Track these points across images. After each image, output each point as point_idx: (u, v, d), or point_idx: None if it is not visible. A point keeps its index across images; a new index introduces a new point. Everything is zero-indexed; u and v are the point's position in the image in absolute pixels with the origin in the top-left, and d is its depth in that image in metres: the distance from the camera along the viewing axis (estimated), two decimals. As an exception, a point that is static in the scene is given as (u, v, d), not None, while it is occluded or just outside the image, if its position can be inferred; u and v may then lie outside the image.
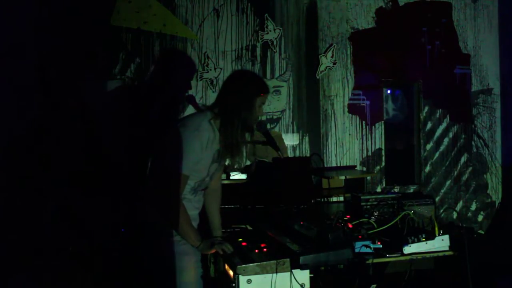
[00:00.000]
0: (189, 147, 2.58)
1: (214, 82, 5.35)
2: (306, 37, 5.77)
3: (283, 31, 5.66)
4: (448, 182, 6.32)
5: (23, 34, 4.03)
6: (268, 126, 5.51)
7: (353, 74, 5.92)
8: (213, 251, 2.71)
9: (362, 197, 3.27)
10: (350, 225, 2.92)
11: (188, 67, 3.54)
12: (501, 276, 3.21)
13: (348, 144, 5.91)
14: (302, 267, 2.52)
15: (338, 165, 5.79)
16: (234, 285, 2.52)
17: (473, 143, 6.43)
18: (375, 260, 2.62)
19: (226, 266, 2.75)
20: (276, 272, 2.50)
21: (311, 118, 5.77)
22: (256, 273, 2.48)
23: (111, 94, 4.69)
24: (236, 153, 2.70)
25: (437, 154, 6.30)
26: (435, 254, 2.71)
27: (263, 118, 5.54)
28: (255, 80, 2.78)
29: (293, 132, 5.70)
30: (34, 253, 3.47)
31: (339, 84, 5.88)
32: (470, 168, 6.41)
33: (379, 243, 2.71)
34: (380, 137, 6.03)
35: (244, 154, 2.83)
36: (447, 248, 2.72)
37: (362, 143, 5.96)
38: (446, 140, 6.33)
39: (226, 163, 2.87)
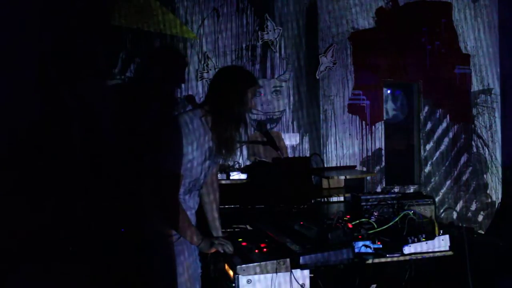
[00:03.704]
0: (181, 146, 2.56)
1: (214, 82, 5.34)
2: (306, 37, 5.77)
3: (283, 31, 5.66)
4: (448, 182, 6.32)
5: (24, 34, 4.03)
6: (268, 126, 5.51)
7: (353, 74, 5.92)
8: (213, 250, 2.71)
9: (362, 197, 3.27)
10: (350, 225, 2.92)
11: (183, 64, 3.56)
12: (501, 276, 3.21)
13: (348, 144, 5.91)
14: (302, 267, 2.52)
15: (338, 165, 5.79)
16: (234, 285, 2.52)
17: (473, 143, 6.43)
18: (375, 260, 2.62)
19: (226, 266, 2.75)
20: (276, 272, 2.50)
21: (311, 118, 5.77)
22: (256, 273, 2.48)
23: (111, 94, 4.69)
24: (230, 149, 2.69)
25: (437, 154, 6.30)
26: (435, 254, 2.71)
27: (263, 118, 5.55)
28: (244, 73, 2.78)
29: (293, 132, 5.70)
30: (34, 252, 3.47)
31: (339, 84, 5.88)
32: (470, 168, 6.41)
33: (379, 243, 2.71)
34: (380, 137, 6.03)
35: (245, 153, 2.83)
36: (447, 248, 2.72)
37: (362, 143, 5.96)
38: (446, 140, 6.33)
39: (221, 162, 2.86)
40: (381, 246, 2.70)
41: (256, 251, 2.70)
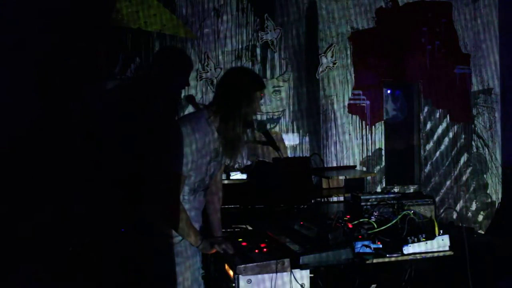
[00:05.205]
0: (185, 146, 2.56)
1: (214, 82, 5.35)
2: (306, 37, 5.77)
3: (283, 31, 5.66)
4: (448, 182, 6.32)
5: (24, 34, 4.03)
6: (268, 126, 5.51)
7: (353, 74, 5.92)
8: (213, 251, 2.71)
9: (362, 197, 3.27)
10: (350, 225, 2.92)
11: (187, 66, 3.55)
12: (501, 276, 3.21)
13: (348, 144, 5.91)
14: (302, 267, 2.52)
15: (338, 165, 5.79)
16: (234, 285, 2.52)
17: (473, 143, 6.43)
18: (375, 260, 2.61)
19: (226, 266, 2.75)
20: (276, 272, 2.50)
21: (311, 118, 5.77)
22: (256, 273, 2.48)
23: (111, 95, 4.69)
24: (236, 150, 2.70)
25: (437, 154, 6.30)
26: (435, 254, 2.71)
27: (263, 118, 5.54)
28: (252, 75, 2.80)
29: (293, 132, 5.71)
30: (34, 253, 3.47)
31: (339, 84, 5.88)
32: (470, 168, 6.41)
33: (379, 243, 2.71)
34: (380, 137, 6.03)
35: (244, 153, 2.83)
36: (447, 248, 2.72)
37: (362, 143, 5.96)
38: (446, 140, 6.33)
39: (226, 163, 2.87)
40: (381, 246, 2.70)
41: (256, 251, 2.70)
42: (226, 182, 4.28)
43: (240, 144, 2.70)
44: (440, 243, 2.70)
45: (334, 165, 5.78)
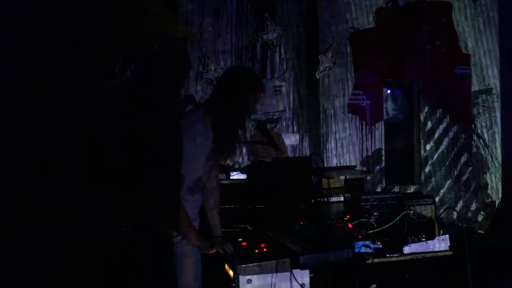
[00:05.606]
0: (183, 146, 2.57)
1: (214, 82, 5.34)
2: (306, 37, 5.77)
3: (283, 31, 5.66)
4: (448, 182, 6.32)
5: (24, 34, 4.03)
6: (268, 126, 5.51)
7: (353, 74, 5.92)
8: (213, 251, 2.71)
9: (362, 197, 3.27)
10: (350, 225, 2.92)
11: (187, 66, 3.56)
12: (501, 276, 3.21)
13: (348, 144, 5.91)
14: (302, 267, 2.52)
15: (338, 165, 5.79)
16: (234, 285, 2.52)
17: (473, 143, 6.43)
18: (375, 260, 2.61)
19: (226, 266, 2.75)
20: (276, 272, 2.50)
21: (311, 118, 5.77)
22: (256, 273, 2.48)
23: (111, 95, 4.69)
24: (230, 150, 2.70)
25: (437, 154, 6.30)
26: (435, 254, 2.71)
27: (263, 118, 5.54)
28: (250, 76, 2.77)
29: (293, 132, 5.70)
30: (35, 253, 3.47)
31: (339, 84, 5.88)
32: (470, 168, 6.41)
33: (379, 243, 2.71)
34: (380, 137, 6.03)
35: (242, 153, 2.83)
36: (447, 248, 2.72)
37: (362, 143, 5.96)
38: (446, 140, 6.33)
39: (223, 161, 2.87)
40: (381, 246, 2.70)
41: (256, 251, 2.70)
42: (226, 182, 4.28)
43: (233, 144, 2.70)
44: (440, 243, 2.70)
45: (334, 165, 5.78)
